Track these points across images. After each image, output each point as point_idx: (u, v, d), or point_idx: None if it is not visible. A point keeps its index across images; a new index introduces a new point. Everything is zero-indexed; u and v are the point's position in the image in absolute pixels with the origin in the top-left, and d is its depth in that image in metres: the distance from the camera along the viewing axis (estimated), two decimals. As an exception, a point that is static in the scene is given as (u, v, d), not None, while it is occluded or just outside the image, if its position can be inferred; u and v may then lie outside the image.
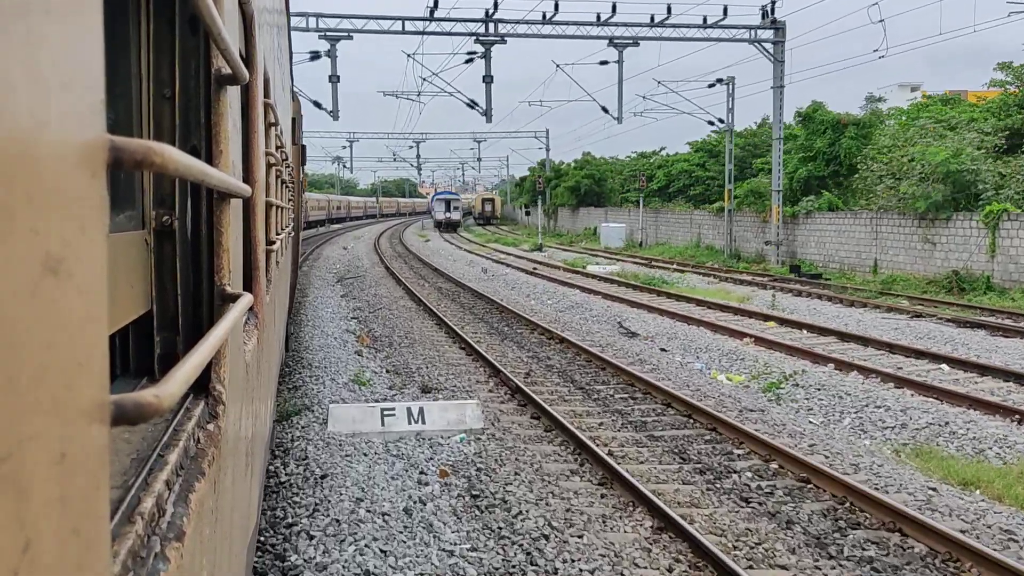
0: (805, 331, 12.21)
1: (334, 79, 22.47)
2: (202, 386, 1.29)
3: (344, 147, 61.40)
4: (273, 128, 3.08)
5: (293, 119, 8.06)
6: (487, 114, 23.71)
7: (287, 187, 5.97)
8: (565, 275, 21.21)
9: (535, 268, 22.79)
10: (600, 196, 42.32)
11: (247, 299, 1.32)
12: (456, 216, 52.69)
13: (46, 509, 0.41)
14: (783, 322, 12.92)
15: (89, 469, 0.48)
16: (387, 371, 9.48)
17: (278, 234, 3.68)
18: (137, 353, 1.48)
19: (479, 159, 66.28)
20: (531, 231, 49.39)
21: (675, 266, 23.36)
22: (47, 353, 0.42)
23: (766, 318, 13.44)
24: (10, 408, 0.37)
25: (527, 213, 56.43)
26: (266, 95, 2.64)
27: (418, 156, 64.29)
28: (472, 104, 24.03)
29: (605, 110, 25.28)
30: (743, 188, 25.84)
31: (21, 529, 0.38)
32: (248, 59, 1.88)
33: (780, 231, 22.98)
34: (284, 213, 4.96)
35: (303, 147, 10.96)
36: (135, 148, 0.56)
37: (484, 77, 22.56)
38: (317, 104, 22.83)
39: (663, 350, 10.96)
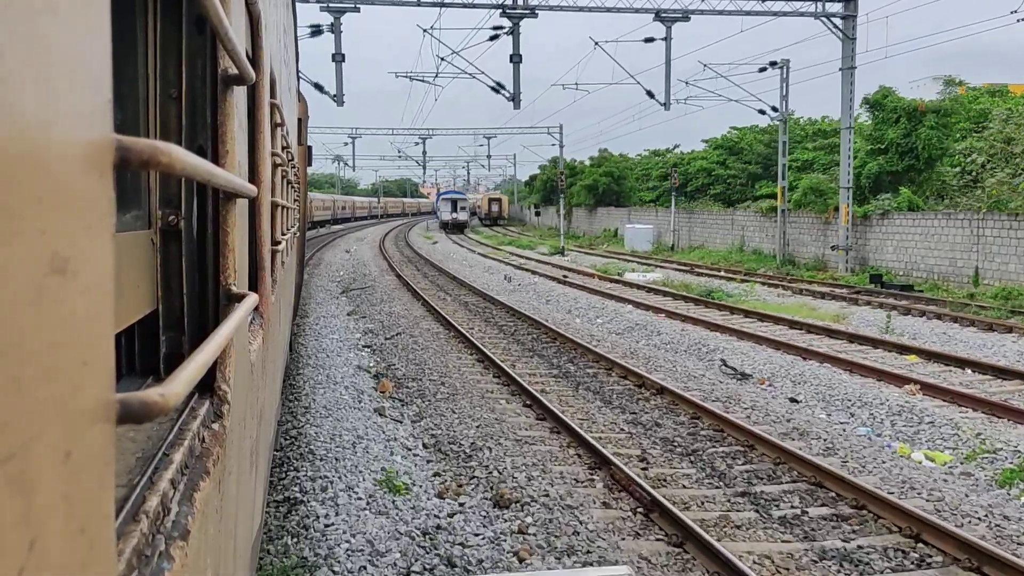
0: (969, 370, 9.42)
1: (338, 58, 19.25)
2: (207, 386, 1.31)
3: (346, 143, 58.81)
4: (279, 128, 3.07)
5: (299, 120, 8.08)
6: (515, 99, 20.62)
7: (293, 188, 5.96)
8: (602, 284, 18.94)
9: (565, 276, 20.63)
10: (619, 195, 40.44)
11: (252, 299, 1.34)
12: (463, 216, 51.46)
13: (51, 507, 0.42)
14: (928, 355, 10.04)
15: (94, 468, 0.49)
16: (425, 447, 6.54)
17: (283, 234, 3.69)
18: (143, 352, 1.50)
19: (489, 156, 63.75)
20: (543, 232, 48.10)
21: (724, 273, 21.26)
22: (53, 352, 0.43)
23: (900, 349, 10.64)
24: (16, 407, 0.38)
25: (537, 214, 55.16)
26: (272, 95, 2.63)
27: (424, 153, 60.77)
28: (498, 87, 20.80)
29: (651, 94, 22.20)
30: (802, 184, 22.95)
31: (27, 527, 0.39)
32: (254, 59, 1.89)
33: (850, 234, 20.03)
34: (290, 213, 4.97)
35: (308, 148, 10.89)
36: (142, 148, 0.57)
37: (511, 56, 19.68)
38: (319, 87, 19.79)
39: (793, 401, 8.30)
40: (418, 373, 9.48)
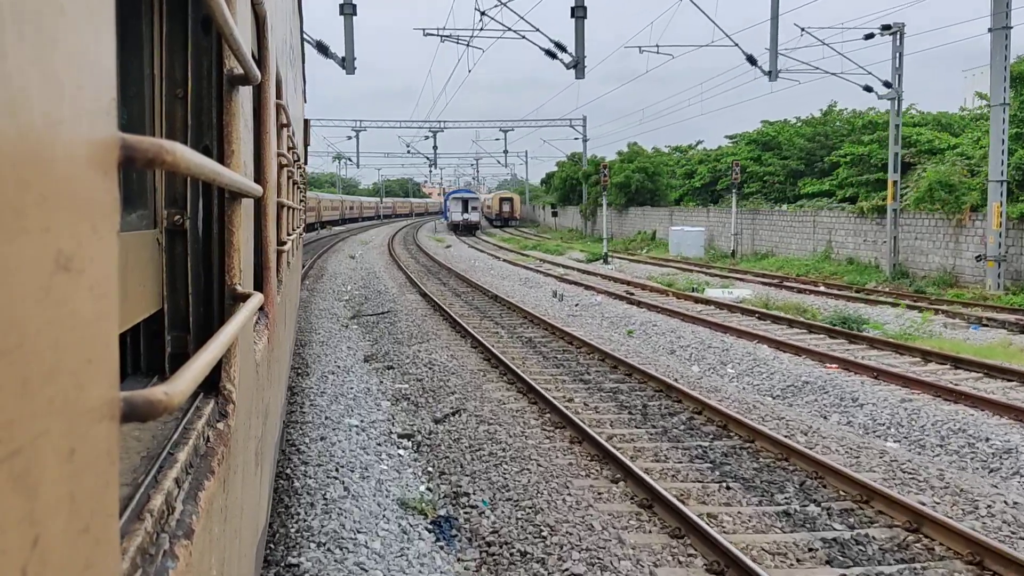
0: None
1: (347, 9, 17.85)
2: (212, 385, 1.49)
3: (349, 137, 57.36)
4: (285, 129, 3.46)
5: (306, 120, 8.48)
6: (577, 64, 19.06)
7: (299, 188, 6.45)
8: (684, 305, 16.38)
9: (630, 293, 18.27)
10: (654, 194, 40.16)
11: (257, 299, 1.54)
12: (474, 217, 52.95)
13: (55, 505, 0.47)
14: None
15: (99, 466, 0.54)
16: None
17: (289, 234, 4.14)
18: (148, 352, 1.69)
19: (506, 151, 64.31)
20: (564, 235, 47.54)
21: (824, 288, 19.05)
22: (58, 350, 0.47)
23: None
24: (20, 404, 0.42)
25: (554, 214, 55.79)
26: (278, 96, 3.00)
27: (435, 148, 61.64)
28: (556, 50, 19.19)
29: (752, 61, 21.06)
30: (928, 177, 20.93)
31: (31, 525, 0.43)
32: (260, 60, 2.15)
33: (1003, 241, 17.92)
34: (295, 214, 5.38)
35: (305, 148, 11.57)
36: (147, 146, 0.64)
37: (573, 10, 18.58)
38: (323, 49, 17.97)
39: None
40: (527, 531, 5.34)
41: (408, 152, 66.17)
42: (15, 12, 0.42)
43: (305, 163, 11.43)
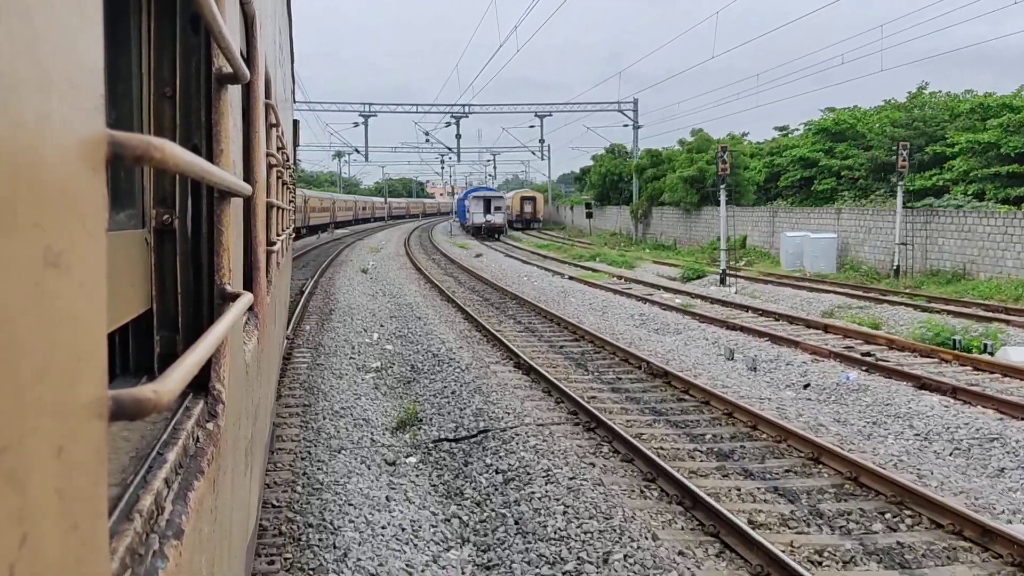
0: None
1: None
2: (202, 385, 1.54)
3: (356, 124, 50.83)
4: (274, 129, 3.62)
5: (295, 121, 8.64)
6: None
7: (288, 189, 6.60)
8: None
9: (874, 357, 11.27)
10: (732, 190, 32.47)
11: (247, 298, 1.59)
12: (498, 219, 48.82)
13: (44, 504, 0.48)
14: None
15: (87, 464, 0.56)
16: None
17: (279, 235, 4.27)
18: (137, 352, 1.74)
19: (542, 140, 56.52)
20: (604, 239, 42.61)
21: None
22: (47, 348, 0.49)
23: None
24: (10, 402, 0.43)
25: (589, 215, 50.64)
26: (267, 96, 3.13)
27: (458, 136, 54.88)
28: None
29: None
30: None
31: (19, 523, 0.44)
32: (249, 59, 2.25)
33: None
34: (285, 214, 5.53)
35: (295, 148, 11.91)
36: (135, 143, 0.67)
37: None
38: None
39: None
40: None
41: (427, 141, 59.82)
42: (2, 8, 0.43)
43: (295, 164, 11.75)
